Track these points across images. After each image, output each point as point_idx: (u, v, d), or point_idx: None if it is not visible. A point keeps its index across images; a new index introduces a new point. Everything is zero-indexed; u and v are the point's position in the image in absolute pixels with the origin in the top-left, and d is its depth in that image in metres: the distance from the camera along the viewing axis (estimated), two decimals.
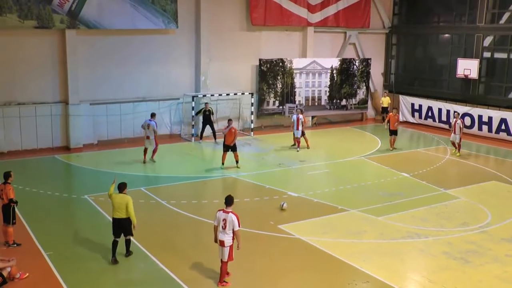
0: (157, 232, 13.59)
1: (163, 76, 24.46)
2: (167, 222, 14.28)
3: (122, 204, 11.66)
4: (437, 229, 14.03)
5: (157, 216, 14.72)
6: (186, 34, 24.74)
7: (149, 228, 13.73)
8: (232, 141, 19.21)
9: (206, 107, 23.60)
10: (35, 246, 12.54)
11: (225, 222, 10.42)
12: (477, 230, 13.99)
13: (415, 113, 29.51)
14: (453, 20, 28.76)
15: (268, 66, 26.73)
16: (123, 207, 11.66)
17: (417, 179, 18.72)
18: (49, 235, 13.23)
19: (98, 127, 23.02)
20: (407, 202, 16.11)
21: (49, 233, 13.33)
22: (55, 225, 13.93)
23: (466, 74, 26.67)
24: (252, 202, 16.13)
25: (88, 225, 13.75)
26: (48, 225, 13.92)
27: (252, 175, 18.91)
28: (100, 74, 23.03)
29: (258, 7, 26.11)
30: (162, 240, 13.03)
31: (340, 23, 28.95)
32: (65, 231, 13.36)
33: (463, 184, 18.15)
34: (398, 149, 23.25)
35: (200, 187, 17.89)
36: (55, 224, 13.97)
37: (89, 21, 21.96)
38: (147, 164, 20.02)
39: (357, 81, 29.69)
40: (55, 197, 16.12)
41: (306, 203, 16.03)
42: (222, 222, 10.43)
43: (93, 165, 19.87)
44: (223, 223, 10.42)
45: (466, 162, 21.47)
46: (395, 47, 31.69)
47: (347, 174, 19.37)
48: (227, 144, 19.33)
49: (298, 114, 22.38)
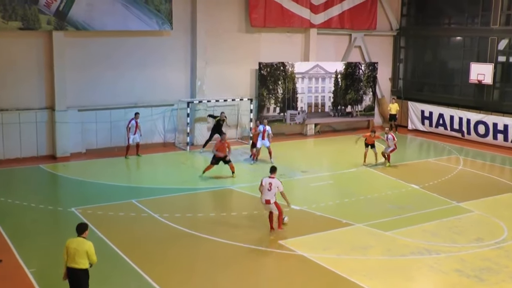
0: (149, 248, 13.49)
1: (156, 80, 24.45)
2: (160, 237, 14.18)
3: (79, 251, 9.76)
4: (449, 244, 13.94)
5: (149, 231, 14.63)
6: (181, 36, 24.76)
7: (140, 244, 13.65)
8: (224, 155, 19.50)
9: (221, 117, 23.60)
10: (17, 262, 12.43)
11: (271, 185, 13.95)
12: (493, 246, 13.90)
13: (425, 121, 29.49)
14: (466, 22, 28.81)
15: (268, 70, 26.73)
16: (81, 256, 9.77)
17: (427, 191, 18.65)
18: (33, 251, 13.14)
19: (86, 134, 22.97)
20: (417, 216, 16.03)
21: (32, 249, 13.24)
22: (39, 240, 13.85)
23: (479, 79, 26.67)
24: (251, 215, 16.05)
25: None
26: (31, 240, 13.83)
27: (251, 187, 18.81)
28: (89, 78, 23.01)
29: (258, 8, 26.14)
30: (155, 257, 12.93)
31: (345, 24, 28.99)
32: (50, 247, 13.26)
33: (477, 196, 18.07)
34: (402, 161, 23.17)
35: (195, 199, 17.83)
36: (39, 239, 13.88)
37: (78, 22, 21.96)
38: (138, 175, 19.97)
39: (363, 87, 29.68)
40: (39, 210, 16.03)
41: (309, 216, 15.96)
42: (268, 185, 13.98)
43: (81, 176, 19.78)
44: (269, 185, 13.97)
45: (481, 173, 21.41)
46: (404, 50, 31.72)
47: (352, 186, 19.30)
48: (218, 157, 19.52)
49: (265, 125, 22.02)
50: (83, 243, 9.82)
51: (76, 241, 9.89)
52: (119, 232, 14.41)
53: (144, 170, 21.16)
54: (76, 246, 9.80)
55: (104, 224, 14.78)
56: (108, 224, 14.89)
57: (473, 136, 27.07)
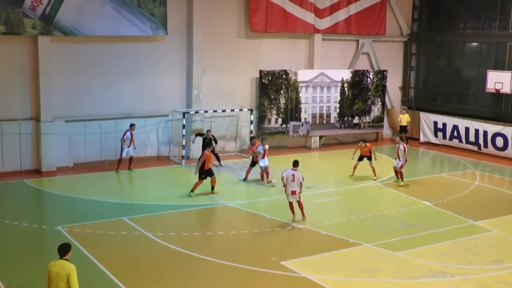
0: (141, 269, 13.45)
1: (149, 89, 24.52)
2: (153, 258, 14.14)
3: (61, 275, 9.51)
4: (465, 266, 13.91)
5: (141, 251, 14.60)
6: (176, 42, 24.88)
7: (132, 265, 13.62)
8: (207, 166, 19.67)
9: (208, 135, 23.04)
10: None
11: (294, 177, 16.46)
12: None
13: (438, 133, 29.54)
14: (482, 27, 28.94)
15: (270, 79, 26.82)
16: (64, 280, 9.52)
17: (441, 208, 18.63)
18: (14, 273, 13.10)
19: (74, 147, 22.99)
20: (430, 235, 16.01)
21: (14, 271, 13.20)
22: (22, 261, 13.80)
23: (497, 88, 26.75)
24: (251, 234, 16.04)
25: None
26: (13, 261, 13.80)
27: (251, 204, 18.84)
28: (78, 87, 23.08)
29: (259, 12, 26.28)
30: (148, 279, 12.89)
31: (352, 29, 29.13)
32: (32, 269, 13.19)
33: (495, 214, 18.05)
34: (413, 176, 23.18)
35: (191, 217, 17.83)
36: (22, 261, 13.83)
37: (65, 27, 22.07)
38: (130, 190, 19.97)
39: (371, 96, 29.76)
40: (23, 229, 16.01)
41: (313, 235, 15.93)
42: (291, 177, 16.47)
43: (68, 191, 19.78)
44: (292, 177, 16.46)
45: (499, 189, 21.41)
46: (415, 57, 31.85)
47: (360, 203, 19.29)
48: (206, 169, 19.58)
49: (264, 144, 21.84)
50: (64, 266, 9.60)
51: (58, 264, 9.66)
52: (109, 252, 14.38)
53: (136, 186, 21.17)
54: (58, 269, 9.58)
55: (92, 244, 14.75)
56: (97, 244, 14.86)
57: (490, 149, 27.09)
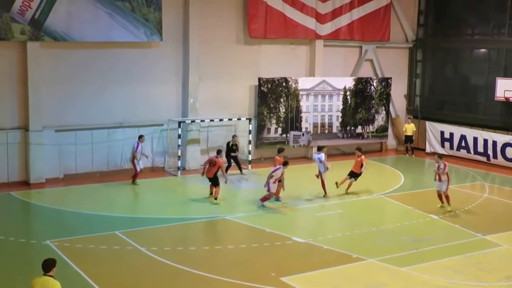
0: (134, 286, 13.41)
1: (144, 97, 24.54)
2: (147, 274, 14.09)
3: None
4: (474, 283, 13.87)
5: (134, 266, 14.56)
6: (172, 48, 24.92)
7: (124, 281, 13.59)
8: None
9: (234, 141, 24.32)
10: None
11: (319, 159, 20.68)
12: None
13: (445, 143, 29.55)
14: (491, 33, 29.03)
15: (269, 87, 26.86)
16: None
17: (448, 222, 18.61)
18: None
19: (64, 158, 22.97)
20: (436, 250, 15.97)
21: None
22: (8, 277, 13.75)
23: (507, 96, 26.78)
24: (250, 249, 16.00)
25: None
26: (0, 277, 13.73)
27: (250, 217, 18.81)
28: (68, 95, 23.10)
29: (258, 17, 26.36)
30: None
31: (355, 35, 29.21)
32: (20, 286, 13.13)
33: (506, 228, 18.02)
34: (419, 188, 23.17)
35: (187, 231, 17.80)
36: (8, 276, 13.79)
37: (55, 32, 22.10)
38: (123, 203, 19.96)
39: (375, 105, 29.80)
40: (10, 243, 15.95)
41: (315, 250, 15.89)
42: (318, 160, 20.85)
43: (58, 204, 19.75)
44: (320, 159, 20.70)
45: (509, 202, 21.38)
46: (421, 64, 31.93)
47: (363, 216, 19.27)
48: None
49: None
50: (47, 283, 9.51)
51: (41, 280, 9.61)
52: (100, 267, 14.33)
53: (129, 198, 21.13)
54: (40, 286, 9.52)
55: (83, 259, 14.71)
56: (88, 259, 14.82)
57: (500, 160, 27.11)
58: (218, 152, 21.18)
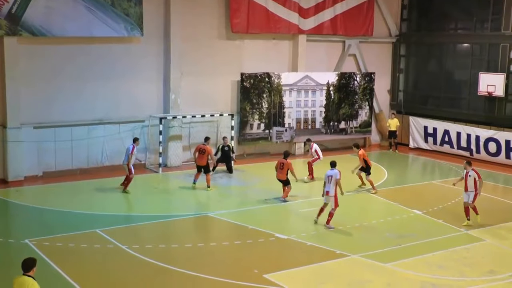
0: (115, 285, 13.38)
1: (124, 93, 24.43)
2: (129, 272, 14.08)
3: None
4: (458, 278, 13.97)
5: (116, 265, 14.52)
6: (153, 43, 24.82)
7: (106, 280, 13.54)
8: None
9: (225, 142, 24.32)
10: None
11: (331, 178, 16.92)
12: (507, 280, 13.93)
13: (428, 138, 29.72)
14: (474, 27, 29.21)
15: (252, 82, 26.85)
16: None
17: (432, 217, 18.73)
18: None
19: (43, 155, 22.82)
20: (420, 245, 16.06)
21: None
22: None
23: (489, 91, 26.99)
24: (232, 246, 16.00)
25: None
26: None
27: (232, 213, 18.81)
28: (47, 91, 22.93)
29: (240, 11, 26.30)
30: None
31: (338, 30, 29.26)
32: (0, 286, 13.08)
33: (488, 223, 18.15)
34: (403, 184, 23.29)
35: (169, 228, 17.76)
36: None
37: (34, 27, 21.91)
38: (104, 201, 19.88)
39: (359, 100, 29.90)
40: None
41: (298, 247, 15.93)
42: (328, 178, 16.94)
43: (37, 203, 19.63)
44: (329, 178, 16.93)
45: (492, 197, 21.55)
46: (404, 59, 32.07)
47: (347, 212, 19.29)
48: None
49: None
50: (25, 283, 9.41)
51: (19, 280, 9.52)
52: (81, 267, 14.27)
53: (110, 196, 20.98)
54: (18, 286, 9.43)
55: (63, 258, 14.64)
56: (69, 258, 14.75)
57: (483, 155, 27.32)
58: (205, 139, 22.34)
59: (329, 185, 17.13)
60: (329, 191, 17.17)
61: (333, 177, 17.10)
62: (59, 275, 13.56)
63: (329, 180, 17.12)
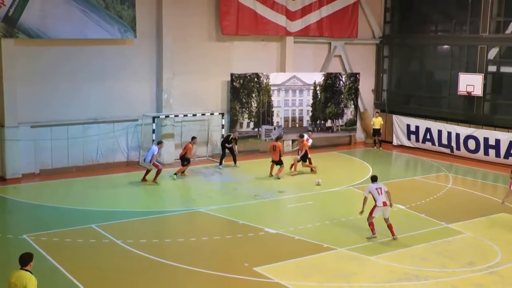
0: (111, 278, 13.35)
1: (118, 93, 24.35)
2: (123, 266, 14.05)
3: (18, 287, 9.34)
4: (439, 270, 14.06)
5: (111, 259, 14.50)
6: (145, 45, 24.76)
7: (101, 274, 13.51)
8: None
9: (234, 135, 24.81)
10: None
11: (381, 189, 16.14)
12: (486, 271, 14.05)
13: (411, 136, 29.83)
14: (453, 29, 29.36)
15: (241, 82, 26.84)
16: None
17: (414, 211, 18.82)
18: None
19: (40, 153, 22.71)
20: (404, 239, 16.13)
21: None
22: None
23: (468, 91, 27.13)
24: (223, 240, 16.03)
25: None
26: None
27: (223, 209, 18.80)
28: (44, 91, 22.81)
29: (230, 14, 26.28)
30: None
31: (324, 32, 29.30)
32: None
33: (468, 217, 18.28)
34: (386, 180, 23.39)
35: (162, 224, 17.75)
36: None
37: (30, 29, 21.78)
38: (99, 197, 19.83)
39: (344, 99, 29.96)
40: None
41: (286, 241, 15.95)
42: (378, 190, 16.14)
43: (34, 199, 19.55)
44: (379, 190, 16.14)
45: (472, 192, 21.69)
46: (387, 60, 32.16)
47: (333, 207, 19.38)
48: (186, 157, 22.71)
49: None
50: (22, 277, 9.36)
51: (16, 275, 9.48)
52: (77, 261, 14.23)
53: (105, 192, 20.93)
54: (15, 280, 9.39)
55: (60, 252, 14.60)
56: (65, 252, 14.71)
57: (462, 152, 27.46)
58: (192, 138, 23.38)
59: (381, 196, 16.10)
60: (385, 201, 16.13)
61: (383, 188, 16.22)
62: (56, 269, 13.53)
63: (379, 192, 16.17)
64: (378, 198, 16.03)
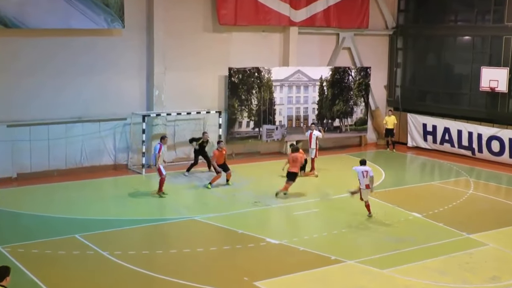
0: None
1: (105, 90, 24.36)
2: (110, 280, 14.01)
3: None
4: (460, 285, 14.00)
5: (96, 272, 14.42)
6: (135, 36, 24.75)
7: None
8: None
9: (205, 138, 23.98)
10: None
11: (366, 173, 18.57)
12: None
13: (427, 137, 29.81)
14: (475, 19, 29.32)
15: (241, 77, 26.83)
16: None
17: (432, 220, 18.77)
18: None
19: (18, 156, 22.72)
20: (420, 250, 16.10)
21: None
22: None
23: (492, 86, 27.10)
24: (221, 251, 15.99)
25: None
26: None
27: (221, 217, 18.77)
28: (22, 87, 22.81)
29: (227, 2, 26.27)
30: None
31: (331, 22, 29.29)
32: None
33: (491, 226, 18.23)
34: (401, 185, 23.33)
35: (153, 233, 17.72)
36: None
37: (7, 18, 21.73)
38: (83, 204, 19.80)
39: (354, 96, 29.95)
40: None
41: (290, 252, 15.90)
42: (363, 173, 18.56)
43: (11, 206, 19.49)
44: (365, 173, 18.56)
45: (495, 199, 21.66)
46: (402, 53, 32.16)
47: (342, 215, 19.34)
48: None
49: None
50: None
51: None
52: (58, 274, 14.18)
53: (90, 198, 20.88)
54: None
55: (39, 266, 14.53)
56: (45, 265, 14.65)
57: (485, 154, 27.44)
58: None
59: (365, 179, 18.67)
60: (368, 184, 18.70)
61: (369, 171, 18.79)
62: (35, 284, 13.46)
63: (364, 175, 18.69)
64: (362, 180, 18.63)
